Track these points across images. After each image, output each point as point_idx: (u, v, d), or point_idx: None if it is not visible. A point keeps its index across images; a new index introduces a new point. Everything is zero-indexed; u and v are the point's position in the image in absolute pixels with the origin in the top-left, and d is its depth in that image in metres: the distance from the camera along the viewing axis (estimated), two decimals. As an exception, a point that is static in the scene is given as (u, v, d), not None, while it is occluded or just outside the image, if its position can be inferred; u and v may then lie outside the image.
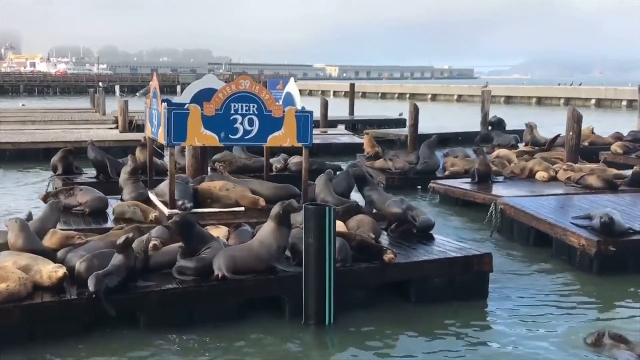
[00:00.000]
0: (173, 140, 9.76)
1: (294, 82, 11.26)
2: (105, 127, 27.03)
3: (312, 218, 7.16)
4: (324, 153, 21.66)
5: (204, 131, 9.79)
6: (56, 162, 14.89)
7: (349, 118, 35.27)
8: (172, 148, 10.40)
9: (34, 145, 21.53)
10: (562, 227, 10.02)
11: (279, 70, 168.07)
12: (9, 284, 6.77)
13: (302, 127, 10.18)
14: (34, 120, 30.39)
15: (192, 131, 9.71)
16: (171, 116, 9.62)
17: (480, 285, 8.49)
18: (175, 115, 9.66)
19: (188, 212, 9.29)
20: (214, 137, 9.84)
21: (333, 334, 7.22)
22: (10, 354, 6.61)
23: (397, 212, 9.48)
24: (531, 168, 14.97)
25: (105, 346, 6.87)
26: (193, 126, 9.70)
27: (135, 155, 12.34)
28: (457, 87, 70.26)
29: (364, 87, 79.02)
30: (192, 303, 7.33)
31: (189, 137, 9.81)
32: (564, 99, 55.25)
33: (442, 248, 8.83)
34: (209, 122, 9.74)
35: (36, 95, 77.93)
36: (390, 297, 8.20)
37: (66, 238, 8.19)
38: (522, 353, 6.87)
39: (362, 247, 8.14)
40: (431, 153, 16.48)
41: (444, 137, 24.53)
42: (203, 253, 7.64)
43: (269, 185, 11.10)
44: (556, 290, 8.92)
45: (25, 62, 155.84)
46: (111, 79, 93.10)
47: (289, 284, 7.50)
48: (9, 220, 8.05)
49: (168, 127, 9.64)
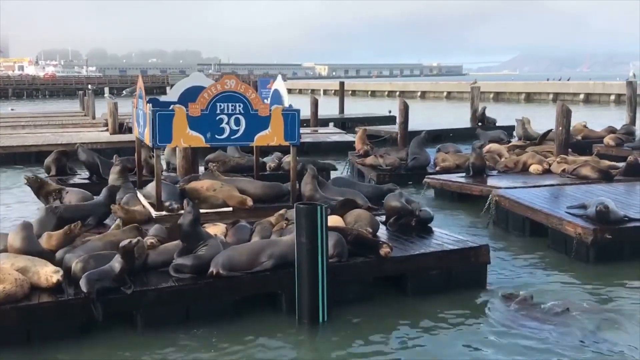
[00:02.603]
0: (159, 142, 9.65)
1: (281, 79, 11.21)
2: (96, 130, 26.92)
3: (304, 217, 7.11)
4: (315, 152, 21.67)
5: (190, 132, 9.69)
6: (50, 163, 14.84)
7: (339, 116, 35.25)
8: (157, 150, 10.28)
9: (25, 149, 21.41)
10: (557, 217, 10.07)
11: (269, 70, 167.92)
12: (5, 285, 6.73)
13: (289, 125, 10.11)
14: (24, 125, 30.18)
15: (178, 132, 9.61)
16: (156, 118, 9.51)
17: (478, 277, 8.51)
18: (160, 117, 9.55)
19: (175, 213, 9.23)
20: (200, 137, 9.75)
21: (327, 331, 7.18)
22: (8, 354, 6.57)
23: (396, 205, 9.49)
24: (525, 161, 15.04)
25: (103, 346, 6.83)
26: (179, 127, 9.59)
27: (121, 157, 12.26)
28: (446, 84, 70.34)
29: (353, 85, 79.01)
30: (189, 301, 7.29)
31: (175, 139, 9.70)
32: (552, 94, 55.41)
33: (439, 241, 8.84)
34: (194, 122, 9.65)
35: (25, 99, 77.49)
36: (387, 291, 8.19)
37: (64, 235, 8.11)
38: (521, 344, 6.86)
39: (358, 242, 8.12)
40: (421, 149, 16.49)
41: (435, 134, 24.65)
42: (200, 250, 7.61)
43: (258, 185, 11.06)
44: (554, 280, 8.96)
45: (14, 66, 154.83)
46: (100, 81, 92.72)
47: (285, 280, 7.48)
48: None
49: (153, 128, 9.54)
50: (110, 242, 8.00)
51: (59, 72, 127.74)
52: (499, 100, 58.01)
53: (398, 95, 66.21)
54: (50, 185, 10.86)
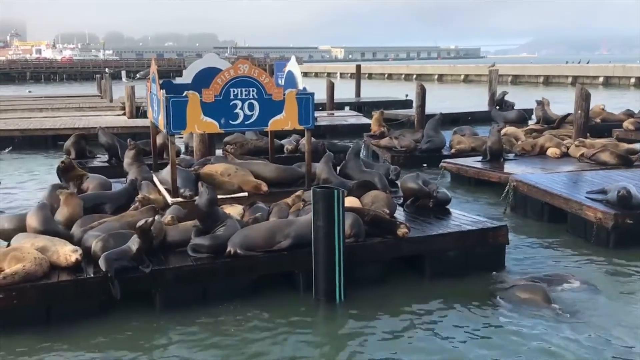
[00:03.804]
0: (173, 128, 9.61)
1: (295, 61, 11.12)
2: (113, 114, 26.98)
3: (321, 200, 7.11)
4: (331, 134, 21.64)
5: (204, 118, 9.64)
6: (69, 147, 14.96)
7: (356, 100, 35.10)
8: (171, 136, 10.27)
9: (42, 132, 21.50)
10: (577, 202, 9.98)
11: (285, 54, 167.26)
12: (26, 264, 6.81)
13: (303, 109, 10.04)
14: (41, 107, 30.35)
15: (192, 119, 9.58)
16: (170, 104, 9.49)
17: (497, 258, 8.49)
18: (174, 104, 9.50)
19: (190, 199, 9.26)
20: (214, 123, 9.71)
21: (344, 310, 7.22)
22: (28, 333, 6.65)
23: (414, 187, 9.46)
24: (542, 145, 14.91)
25: (122, 324, 6.90)
26: (192, 114, 9.56)
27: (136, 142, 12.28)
28: (464, 67, 69.71)
29: (370, 68, 78.55)
30: (207, 280, 7.34)
31: (189, 125, 9.64)
32: (571, 77, 54.80)
33: (457, 222, 8.81)
34: (208, 108, 9.61)
35: (42, 82, 77.90)
36: (405, 273, 8.18)
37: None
38: (540, 328, 6.82)
39: (375, 222, 8.12)
40: (436, 131, 16.42)
41: (452, 117, 24.49)
42: (217, 231, 7.64)
43: (273, 167, 11.02)
44: (573, 265, 8.88)
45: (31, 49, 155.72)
46: (117, 64, 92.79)
47: (302, 259, 7.50)
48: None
49: (167, 115, 9.52)
50: (127, 223, 8.08)
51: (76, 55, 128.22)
52: (517, 84, 57.46)
53: (415, 78, 65.83)
54: (77, 170, 10.91)
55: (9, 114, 27.02)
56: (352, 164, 11.04)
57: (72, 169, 10.67)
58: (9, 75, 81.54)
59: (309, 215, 7.54)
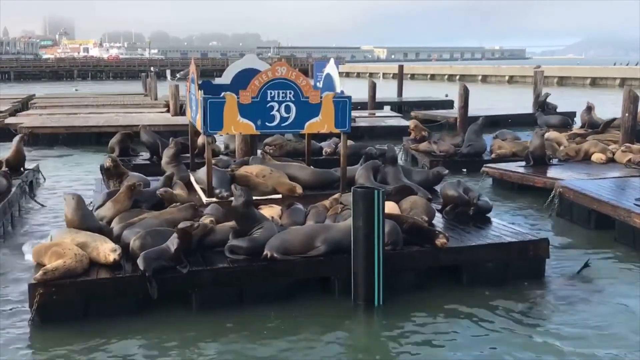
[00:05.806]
0: (210, 129, 9.71)
1: (333, 63, 11.06)
2: (157, 111, 27.34)
3: (361, 201, 7.05)
4: (369, 136, 21.50)
5: (241, 119, 9.71)
6: (114, 144, 15.22)
7: (397, 100, 34.97)
8: (208, 137, 10.33)
9: (87, 129, 21.90)
10: (625, 209, 9.69)
11: (327, 53, 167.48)
12: (66, 260, 6.91)
13: (340, 113, 10.01)
14: (87, 104, 30.96)
15: (229, 120, 9.64)
16: (207, 105, 9.56)
17: (537, 271, 8.26)
18: (211, 105, 9.59)
19: (225, 200, 9.27)
20: (250, 125, 9.75)
21: (383, 313, 7.15)
22: (65, 329, 6.73)
23: (454, 194, 9.32)
24: (587, 150, 14.52)
25: (158, 323, 6.93)
26: (229, 115, 9.62)
27: (177, 139, 12.39)
28: (508, 68, 68.70)
29: (413, 68, 78.00)
30: (244, 282, 7.34)
31: (226, 126, 9.72)
32: (619, 79, 53.49)
33: (497, 232, 8.61)
34: (245, 110, 9.66)
35: (90, 80, 79.55)
36: (442, 280, 8.05)
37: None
38: (580, 343, 6.61)
39: (413, 230, 8.00)
40: (477, 136, 16.10)
41: (493, 120, 24.07)
42: (255, 233, 7.64)
43: (308, 171, 10.98)
44: (619, 275, 8.59)
45: (79, 48, 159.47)
46: (162, 63, 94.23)
47: (339, 265, 7.44)
48: (67, 195, 8.17)
49: (204, 116, 9.60)
50: (166, 220, 8.15)
51: (122, 54, 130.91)
52: (563, 85, 56.37)
53: (458, 79, 65.13)
54: (120, 168, 11.04)
55: (56, 110, 27.65)
56: (390, 170, 10.92)
57: (117, 167, 10.82)
58: (57, 73, 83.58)
59: (347, 222, 7.48)
